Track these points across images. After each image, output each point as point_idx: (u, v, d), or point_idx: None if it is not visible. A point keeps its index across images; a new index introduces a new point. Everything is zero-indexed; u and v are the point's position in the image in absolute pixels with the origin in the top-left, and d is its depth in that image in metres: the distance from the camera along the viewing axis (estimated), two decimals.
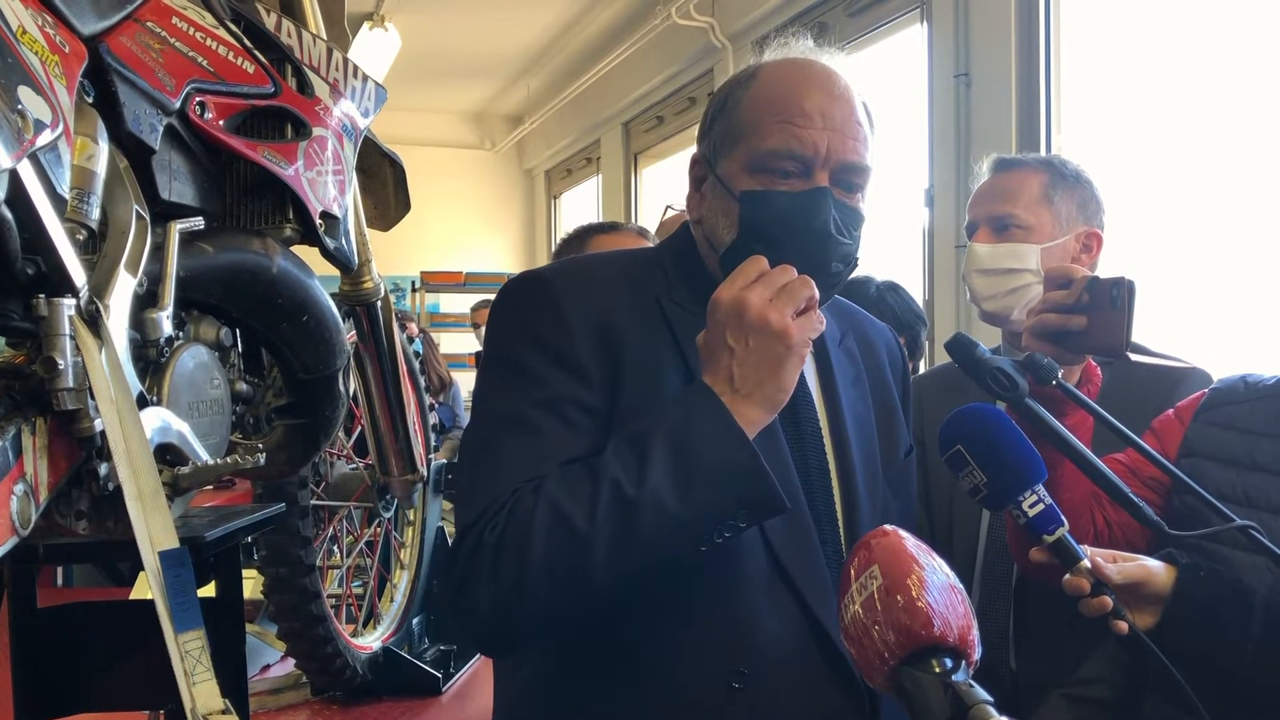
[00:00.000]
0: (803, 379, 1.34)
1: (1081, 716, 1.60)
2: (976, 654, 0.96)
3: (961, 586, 0.99)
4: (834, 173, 1.26)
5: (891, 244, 4.78)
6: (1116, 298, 1.45)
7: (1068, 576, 1.29)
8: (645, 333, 1.28)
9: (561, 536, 1.13)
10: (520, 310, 1.31)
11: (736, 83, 1.33)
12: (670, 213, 2.74)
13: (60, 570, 4.00)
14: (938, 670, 0.92)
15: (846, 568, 1.02)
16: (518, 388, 1.25)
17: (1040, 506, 1.28)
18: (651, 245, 1.99)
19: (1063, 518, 1.29)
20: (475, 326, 7.58)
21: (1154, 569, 1.37)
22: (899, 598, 0.94)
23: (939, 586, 0.96)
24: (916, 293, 2.96)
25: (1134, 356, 1.50)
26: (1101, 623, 1.28)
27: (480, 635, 1.25)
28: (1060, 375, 1.41)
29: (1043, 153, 3.72)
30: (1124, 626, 1.27)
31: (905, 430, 1.48)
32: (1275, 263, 3.26)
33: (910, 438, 1.49)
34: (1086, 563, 1.29)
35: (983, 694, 0.91)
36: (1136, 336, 1.48)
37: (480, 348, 7.34)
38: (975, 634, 0.96)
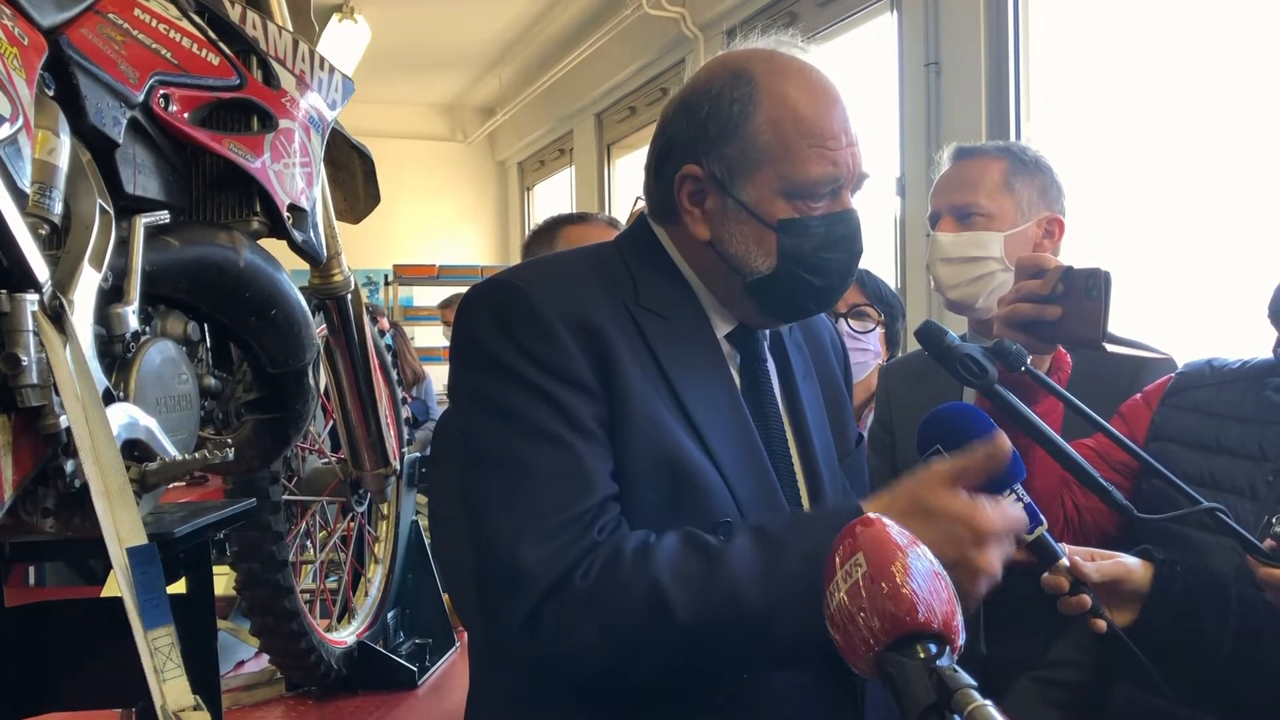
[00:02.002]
0: (766, 375, 1.35)
1: (1051, 698, 1.61)
2: (960, 640, 0.96)
3: (945, 574, 0.99)
4: (853, 186, 1.30)
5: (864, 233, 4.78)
6: (1092, 288, 1.43)
7: (1046, 575, 1.30)
8: (622, 338, 1.25)
9: (656, 622, 1.12)
10: (504, 324, 1.24)
11: (736, 97, 1.27)
12: (640, 204, 2.73)
13: (32, 569, 3.96)
14: (922, 656, 0.93)
15: (831, 556, 1.02)
16: (530, 403, 1.20)
17: (1019, 506, 1.29)
18: None
19: (1041, 517, 1.28)
20: (445, 324, 7.46)
21: (1131, 566, 1.37)
22: (884, 585, 0.94)
23: (923, 574, 0.96)
24: (889, 281, 2.96)
25: (1107, 345, 1.50)
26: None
27: (546, 670, 1.21)
28: (1030, 362, 1.42)
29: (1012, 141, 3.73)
30: (1102, 625, 1.28)
31: (853, 420, 1.50)
32: (1243, 248, 3.29)
33: (857, 427, 1.51)
34: (1065, 561, 1.30)
35: (966, 678, 0.91)
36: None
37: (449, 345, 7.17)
38: (959, 620, 0.96)
